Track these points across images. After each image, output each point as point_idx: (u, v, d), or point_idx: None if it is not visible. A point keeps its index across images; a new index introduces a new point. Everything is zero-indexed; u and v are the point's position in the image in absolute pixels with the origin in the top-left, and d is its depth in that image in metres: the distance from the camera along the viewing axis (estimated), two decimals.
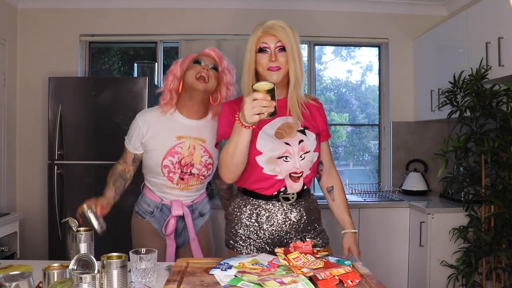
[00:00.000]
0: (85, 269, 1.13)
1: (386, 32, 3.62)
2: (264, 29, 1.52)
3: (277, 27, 1.50)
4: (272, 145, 1.53)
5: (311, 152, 1.58)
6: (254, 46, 1.53)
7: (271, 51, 1.50)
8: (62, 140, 3.00)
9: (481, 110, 2.45)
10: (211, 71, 1.81)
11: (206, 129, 1.87)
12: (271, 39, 1.51)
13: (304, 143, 1.56)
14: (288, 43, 1.49)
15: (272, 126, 1.56)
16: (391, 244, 3.06)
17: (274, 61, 1.49)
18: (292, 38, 1.50)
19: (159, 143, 1.81)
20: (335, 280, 1.08)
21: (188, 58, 1.87)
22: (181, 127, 1.84)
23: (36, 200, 3.40)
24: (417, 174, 3.44)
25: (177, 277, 1.13)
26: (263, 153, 1.53)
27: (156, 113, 1.86)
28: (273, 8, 3.51)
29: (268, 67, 1.50)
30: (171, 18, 3.51)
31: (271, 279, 1.04)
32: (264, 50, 1.51)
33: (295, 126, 1.57)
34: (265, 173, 1.54)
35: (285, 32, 1.50)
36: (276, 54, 1.50)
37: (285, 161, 1.54)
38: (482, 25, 2.62)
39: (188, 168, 1.83)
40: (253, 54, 1.53)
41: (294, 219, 1.59)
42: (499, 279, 2.52)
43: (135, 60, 3.64)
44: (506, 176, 2.35)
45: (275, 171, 1.54)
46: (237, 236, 1.61)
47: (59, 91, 3.01)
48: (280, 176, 1.55)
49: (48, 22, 3.46)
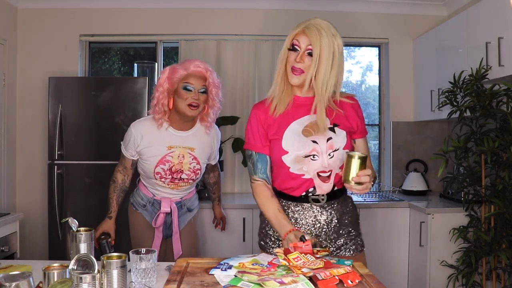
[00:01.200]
0: (85, 269, 1.13)
1: (386, 32, 3.62)
2: (301, 27, 1.47)
3: (313, 29, 1.44)
4: (298, 143, 1.49)
5: (341, 150, 1.51)
6: (289, 41, 1.49)
7: (300, 51, 1.46)
8: (62, 140, 3.00)
9: (481, 110, 2.45)
10: (201, 96, 1.93)
11: (195, 138, 2.03)
12: (304, 40, 1.45)
13: (333, 140, 1.51)
14: (317, 48, 1.42)
15: (300, 124, 1.52)
16: (391, 244, 3.05)
17: (298, 62, 1.46)
18: (326, 45, 1.42)
19: (151, 152, 1.97)
20: (335, 280, 1.08)
21: (177, 74, 1.92)
22: (171, 138, 1.99)
23: (36, 200, 3.40)
24: (417, 174, 3.44)
25: (177, 277, 1.13)
26: (289, 152, 1.50)
27: (149, 124, 2.00)
28: (273, 8, 3.52)
29: (292, 67, 1.47)
30: (171, 18, 3.51)
31: (271, 279, 1.04)
32: (295, 48, 1.47)
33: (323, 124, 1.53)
34: (292, 172, 1.51)
35: (318, 36, 1.42)
36: (303, 56, 1.45)
37: (313, 160, 1.49)
38: (482, 25, 2.61)
39: (178, 174, 2.00)
40: (287, 49, 1.50)
41: (324, 222, 1.54)
42: (499, 279, 2.52)
43: (135, 60, 3.65)
44: (506, 176, 2.35)
45: (302, 170, 1.50)
46: (267, 237, 1.61)
47: (59, 91, 3.01)
48: (308, 176, 1.51)
49: (48, 22, 3.46)
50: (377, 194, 3.44)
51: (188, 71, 1.92)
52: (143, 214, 2.11)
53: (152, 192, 2.08)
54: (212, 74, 1.96)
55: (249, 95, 3.51)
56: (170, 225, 2.12)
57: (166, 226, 2.13)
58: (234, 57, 3.51)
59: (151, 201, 2.09)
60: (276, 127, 1.54)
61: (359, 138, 1.62)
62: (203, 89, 1.93)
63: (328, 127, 1.52)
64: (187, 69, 1.93)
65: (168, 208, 2.06)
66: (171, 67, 1.96)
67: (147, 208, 2.10)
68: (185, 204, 2.14)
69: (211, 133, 2.08)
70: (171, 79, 1.93)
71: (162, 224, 2.09)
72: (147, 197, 2.09)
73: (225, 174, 3.46)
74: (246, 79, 3.51)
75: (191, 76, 1.92)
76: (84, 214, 2.92)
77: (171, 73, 1.93)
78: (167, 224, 2.12)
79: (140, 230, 2.12)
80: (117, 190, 2.08)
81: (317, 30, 1.43)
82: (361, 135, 1.62)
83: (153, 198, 2.08)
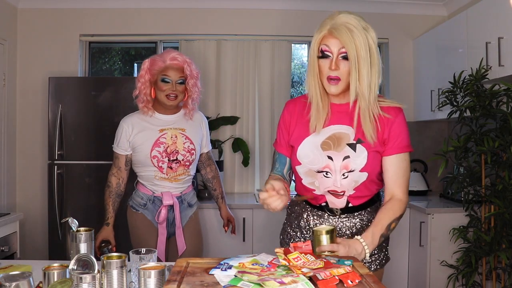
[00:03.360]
0: (85, 269, 1.13)
1: (386, 32, 3.61)
2: (327, 30, 1.31)
3: (342, 28, 1.28)
4: (313, 156, 1.39)
5: (357, 172, 1.38)
6: (317, 47, 1.33)
7: (332, 57, 1.31)
8: (62, 140, 3.00)
9: (481, 110, 2.45)
10: (179, 87, 2.05)
11: (183, 120, 2.14)
12: (335, 43, 1.30)
13: (349, 160, 1.37)
14: (353, 51, 1.27)
15: (323, 134, 1.40)
16: (391, 244, 3.04)
17: (334, 69, 1.30)
18: (361, 43, 1.27)
19: (145, 137, 2.05)
20: (335, 280, 1.08)
21: (155, 66, 2.03)
22: (161, 122, 2.10)
23: (36, 200, 3.40)
24: (417, 174, 3.44)
25: (177, 277, 1.13)
26: (302, 164, 1.42)
27: (137, 115, 2.12)
28: (273, 8, 3.51)
29: (328, 76, 1.32)
30: (171, 18, 3.51)
31: (271, 279, 1.04)
32: (326, 55, 1.32)
33: (345, 138, 1.38)
34: (304, 184, 1.46)
35: (351, 36, 1.27)
36: (338, 62, 1.30)
37: (325, 177, 1.40)
38: (482, 25, 2.61)
39: (174, 155, 2.05)
40: (316, 57, 1.34)
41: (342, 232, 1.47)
42: (499, 279, 2.52)
43: (136, 60, 3.64)
44: (506, 176, 2.35)
45: (314, 185, 1.43)
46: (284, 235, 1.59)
47: (59, 91, 3.01)
48: (318, 192, 1.44)
49: (48, 22, 3.45)
50: None
51: (165, 63, 2.03)
52: (144, 214, 2.11)
53: (151, 190, 2.10)
54: (190, 66, 2.06)
55: (249, 95, 3.51)
56: (173, 222, 2.13)
57: (168, 223, 2.13)
58: (234, 57, 3.50)
59: (151, 198, 2.10)
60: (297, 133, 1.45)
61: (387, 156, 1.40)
62: (181, 80, 2.05)
63: (349, 143, 1.37)
64: (165, 62, 2.03)
65: (170, 201, 2.08)
66: (151, 59, 2.06)
67: (148, 207, 2.11)
68: (185, 199, 2.16)
69: (196, 117, 2.18)
70: (151, 70, 2.04)
71: (165, 220, 2.10)
72: (147, 195, 2.11)
73: (225, 174, 3.46)
74: (246, 79, 3.51)
75: (169, 68, 2.03)
76: (84, 214, 2.92)
77: (151, 64, 2.04)
78: (169, 221, 2.13)
79: (142, 230, 2.11)
80: (112, 195, 2.09)
81: (347, 29, 1.27)
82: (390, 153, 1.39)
83: (153, 195, 2.10)
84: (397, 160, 1.40)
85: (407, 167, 1.41)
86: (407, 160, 1.41)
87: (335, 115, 1.41)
